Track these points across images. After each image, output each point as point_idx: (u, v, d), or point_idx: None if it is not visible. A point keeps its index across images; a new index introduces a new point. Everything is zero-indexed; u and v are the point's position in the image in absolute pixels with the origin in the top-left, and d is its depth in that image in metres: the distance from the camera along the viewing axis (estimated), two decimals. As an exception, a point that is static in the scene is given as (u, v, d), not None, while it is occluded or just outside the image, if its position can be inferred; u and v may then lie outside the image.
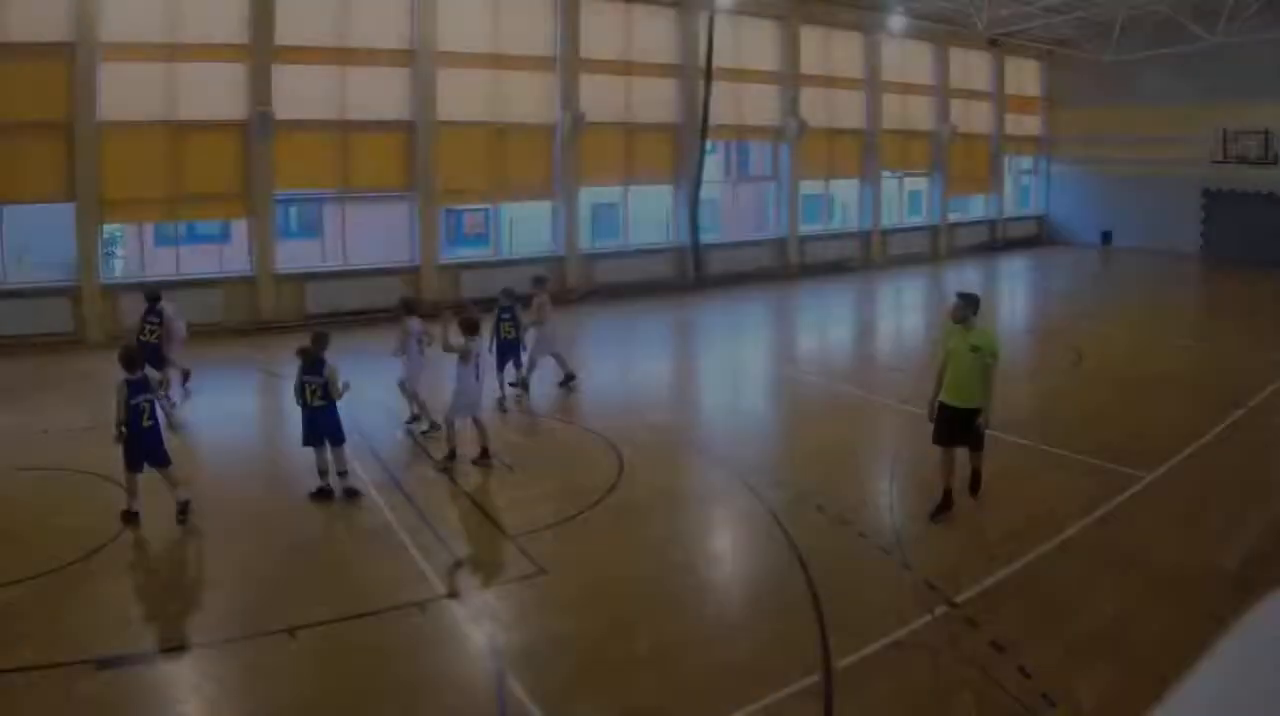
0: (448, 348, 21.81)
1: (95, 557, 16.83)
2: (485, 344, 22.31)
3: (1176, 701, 4.61)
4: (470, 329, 21.81)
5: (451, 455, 21.79)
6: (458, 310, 24.01)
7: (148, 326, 26.53)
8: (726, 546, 18.11)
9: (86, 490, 20.24)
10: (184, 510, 18.44)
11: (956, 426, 18.15)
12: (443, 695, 12.79)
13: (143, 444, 18.42)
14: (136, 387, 18.25)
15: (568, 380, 28.75)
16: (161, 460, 18.70)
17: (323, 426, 19.82)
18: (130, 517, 18.37)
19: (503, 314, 27.41)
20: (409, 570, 16.49)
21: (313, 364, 19.78)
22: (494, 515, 19.06)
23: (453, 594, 15.63)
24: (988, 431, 18.42)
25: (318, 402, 19.64)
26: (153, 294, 27.20)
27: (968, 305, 18.52)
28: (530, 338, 28.13)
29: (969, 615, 14.55)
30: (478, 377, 21.75)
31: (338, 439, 19.91)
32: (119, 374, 18.46)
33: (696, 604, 15.30)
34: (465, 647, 14.06)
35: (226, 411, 22.78)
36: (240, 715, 12.31)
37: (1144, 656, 13.36)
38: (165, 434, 19.23)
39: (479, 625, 14.59)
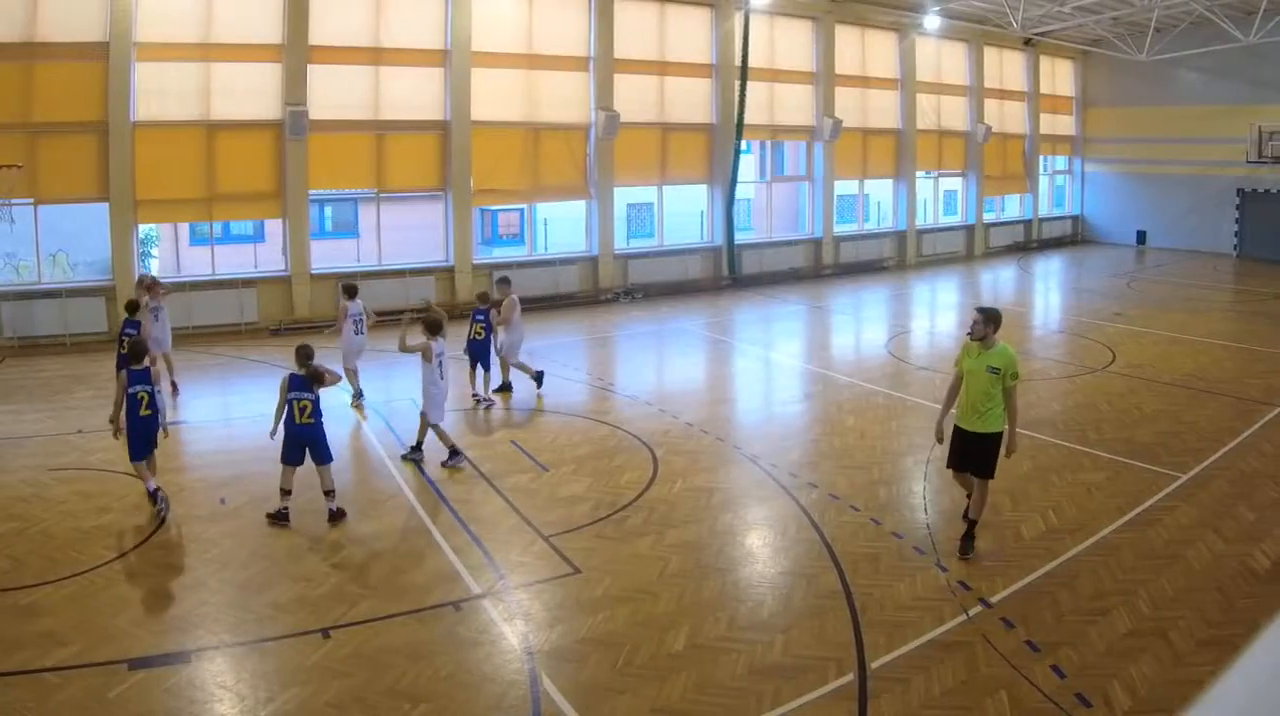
0: (404, 348, 22.04)
1: (128, 557, 16.99)
2: (444, 345, 21.99)
3: (1211, 701, 4.61)
4: (432, 329, 21.89)
5: (453, 452, 22.02)
6: (418, 312, 24.31)
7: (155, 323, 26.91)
8: (760, 546, 17.95)
9: (119, 490, 20.41)
10: (155, 498, 19.14)
11: (971, 452, 17.11)
12: (477, 694, 12.80)
13: (143, 430, 19.09)
14: (136, 377, 18.81)
15: (539, 377, 28.80)
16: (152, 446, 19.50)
17: (309, 444, 18.99)
18: (154, 497, 18.98)
19: (476, 315, 27.40)
20: (444, 570, 16.57)
21: (302, 381, 18.95)
22: (528, 515, 19.01)
23: (487, 593, 15.64)
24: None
25: (306, 420, 18.87)
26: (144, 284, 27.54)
27: (988, 322, 17.05)
28: (513, 337, 28.21)
29: (1004, 615, 14.57)
30: (442, 376, 21.85)
31: (323, 458, 19.13)
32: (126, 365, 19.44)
33: (730, 603, 15.26)
34: (500, 647, 14.01)
35: (260, 411, 22.72)
36: (274, 715, 12.32)
37: (1179, 656, 13.38)
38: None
39: (513, 624, 14.62)
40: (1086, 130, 70.39)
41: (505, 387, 28.52)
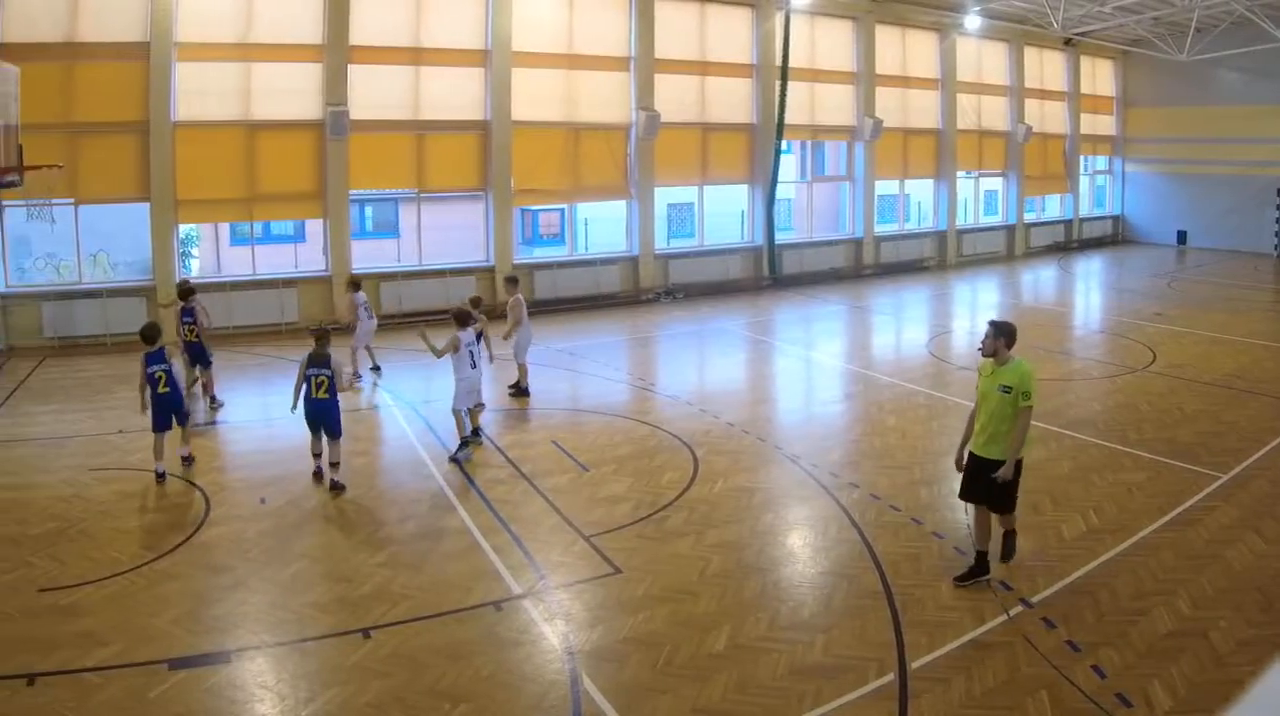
0: (438, 354, 22.33)
1: (168, 557, 17.03)
2: (473, 335, 22.35)
3: (1252, 701, 4.59)
4: (460, 320, 22.35)
5: (463, 444, 22.24)
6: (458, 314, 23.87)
7: (184, 325, 26.79)
8: (801, 546, 17.90)
9: (159, 490, 20.54)
10: (188, 461, 22.02)
11: (981, 481, 15.68)
12: (518, 694, 12.79)
13: (162, 406, 21.08)
14: (151, 358, 20.37)
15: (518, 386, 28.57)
16: (183, 420, 21.93)
17: (322, 418, 20.79)
18: (160, 478, 20.33)
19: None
20: (485, 570, 16.57)
21: (320, 359, 20.59)
22: (569, 515, 19.00)
23: (528, 593, 15.64)
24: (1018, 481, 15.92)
25: (322, 395, 20.56)
26: (185, 290, 27.29)
27: (998, 336, 15.77)
28: (520, 337, 28.09)
29: (1045, 614, 14.51)
30: (474, 365, 22.32)
31: (334, 432, 20.78)
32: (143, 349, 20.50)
33: (771, 603, 15.23)
34: (540, 647, 13.99)
35: (298, 412, 22.88)
36: (315, 715, 12.34)
37: (1219, 657, 13.30)
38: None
39: (554, 624, 14.61)
40: (1127, 130, 70.09)
41: (522, 392, 28.40)
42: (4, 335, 34.03)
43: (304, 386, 20.73)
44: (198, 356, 26.64)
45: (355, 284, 30.73)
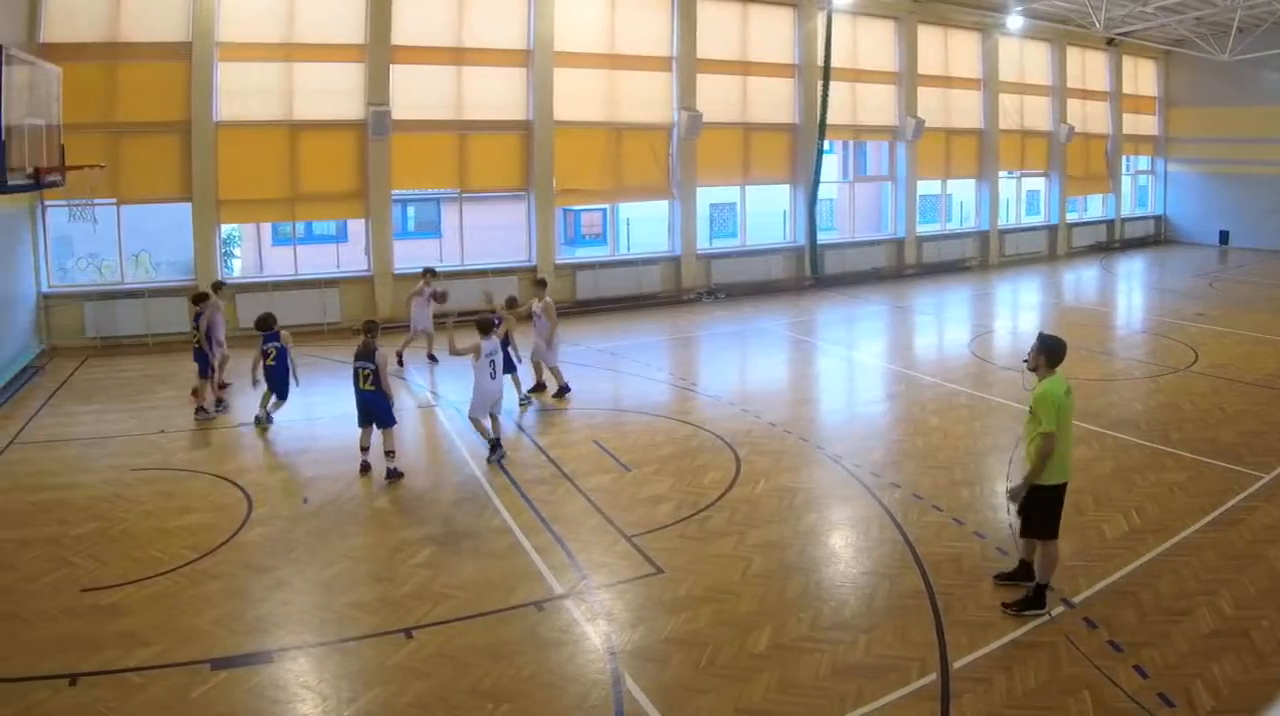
0: (454, 351, 22.30)
1: (210, 557, 17.09)
2: (496, 344, 22.18)
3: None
4: (482, 329, 22.09)
5: (494, 446, 22.19)
6: (474, 313, 24.48)
7: (193, 330, 26.69)
8: (843, 546, 17.88)
9: (201, 490, 20.62)
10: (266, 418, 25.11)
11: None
12: (560, 694, 12.79)
13: (272, 378, 24.21)
14: (267, 338, 22.18)
15: (536, 389, 28.46)
16: (283, 395, 25.05)
17: (371, 410, 21.35)
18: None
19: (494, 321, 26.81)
20: (526, 570, 16.60)
21: (366, 352, 21.12)
22: (611, 515, 19.01)
23: (570, 593, 15.64)
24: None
25: (368, 387, 21.07)
26: (197, 296, 27.30)
27: (1040, 351, 14.76)
28: (541, 341, 27.86)
29: (1086, 614, 14.45)
30: (493, 376, 22.04)
31: (386, 422, 21.41)
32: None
33: (813, 603, 15.21)
34: (582, 647, 14.00)
35: (340, 411, 22.84)
36: (357, 715, 12.38)
37: (1261, 656, 13.27)
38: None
39: (596, 624, 14.62)
40: (1169, 130, 69.69)
41: (542, 388, 28.46)
42: (46, 335, 34.19)
43: (353, 380, 21.33)
44: (198, 362, 26.44)
45: (430, 273, 31.16)
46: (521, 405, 27.01)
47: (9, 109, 18.95)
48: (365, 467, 21.24)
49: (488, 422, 22.34)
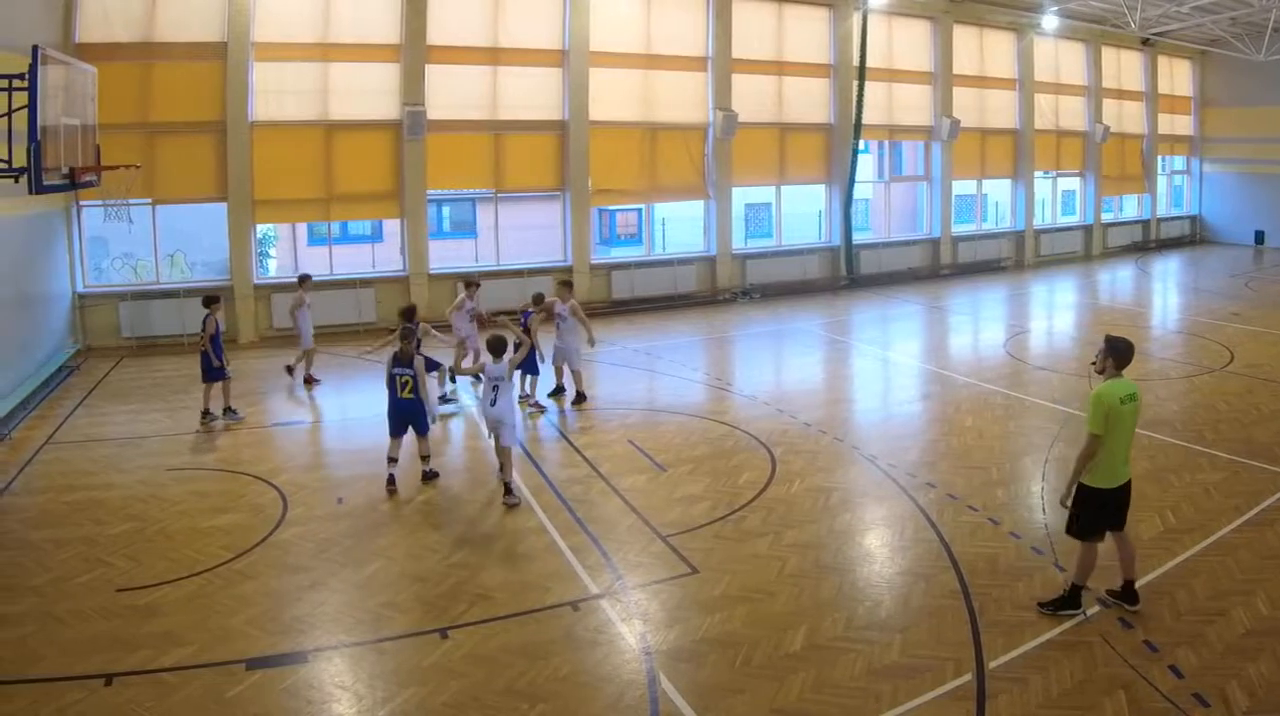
0: (458, 371, 23.31)
1: (245, 557, 17.16)
2: (503, 368, 20.12)
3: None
4: (493, 351, 20.17)
5: (506, 490, 20.32)
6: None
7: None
8: (878, 545, 17.85)
9: (237, 490, 20.71)
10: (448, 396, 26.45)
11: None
12: (595, 694, 12.80)
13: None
14: (405, 333, 20.97)
15: (555, 393, 28.13)
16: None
17: (410, 418, 20.77)
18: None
19: (521, 319, 26.83)
20: (562, 570, 16.62)
21: (406, 359, 20.60)
22: (646, 515, 19.02)
23: (605, 593, 15.66)
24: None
25: (407, 395, 20.53)
26: (205, 299, 26.60)
27: (1108, 354, 14.55)
28: (568, 343, 27.43)
29: (1121, 615, 14.38)
30: (493, 402, 19.93)
31: (423, 430, 20.99)
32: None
33: (848, 603, 15.20)
34: (618, 647, 14.01)
35: (376, 411, 22.80)
36: (392, 715, 12.39)
37: (1299, 656, 13.10)
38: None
39: (631, 624, 14.62)
40: (1204, 130, 69.46)
41: (560, 391, 28.12)
42: (82, 335, 34.41)
43: (390, 387, 20.70)
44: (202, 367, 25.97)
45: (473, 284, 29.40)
46: (531, 414, 26.76)
47: (44, 109, 19.03)
48: (392, 482, 20.59)
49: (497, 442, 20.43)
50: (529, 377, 27.02)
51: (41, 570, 16.58)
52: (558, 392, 27.92)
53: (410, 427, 20.86)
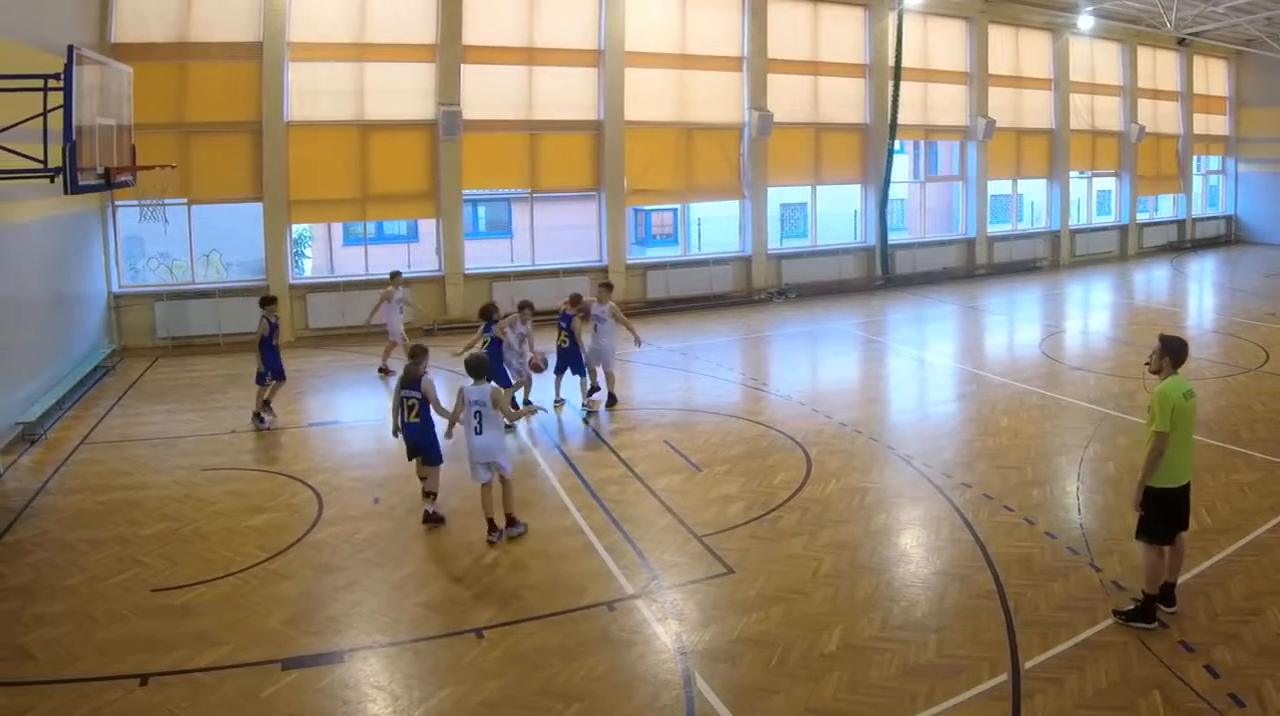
0: (441, 411, 19.11)
1: (281, 557, 17.23)
2: (483, 393, 17.90)
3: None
4: (472, 371, 18.19)
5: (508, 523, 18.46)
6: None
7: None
8: (914, 546, 17.86)
9: (272, 490, 20.81)
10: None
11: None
12: (631, 694, 12.81)
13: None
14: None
15: (591, 392, 27.60)
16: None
17: (418, 444, 19.23)
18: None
19: (560, 321, 26.60)
20: (597, 570, 16.64)
21: (412, 379, 19.04)
22: (681, 515, 19.02)
23: (641, 593, 15.67)
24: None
25: (413, 419, 19.04)
26: (262, 299, 26.82)
27: (1164, 353, 14.40)
28: (604, 344, 27.09)
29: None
30: (478, 430, 17.78)
31: (430, 459, 19.23)
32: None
33: (884, 603, 15.19)
34: (653, 647, 14.02)
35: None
36: (428, 715, 12.42)
37: (1336, 657, 13.02)
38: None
39: (667, 624, 14.62)
40: (1240, 130, 69.22)
41: (595, 391, 27.65)
42: (117, 335, 34.65)
43: (398, 410, 19.38)
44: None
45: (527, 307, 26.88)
46: (588, 417, 26.61)
47: (80, 109, 19.05)
48: (433, 518, 18.92)
49: (483, 479, 18.15)
50: (578, 378, 27.01)
51: (77, 570, 16.66)
52: (593, 392, 27.62)
53: (420, 457, 19.49)
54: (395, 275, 31.67)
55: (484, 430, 17.74)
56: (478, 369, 17.98)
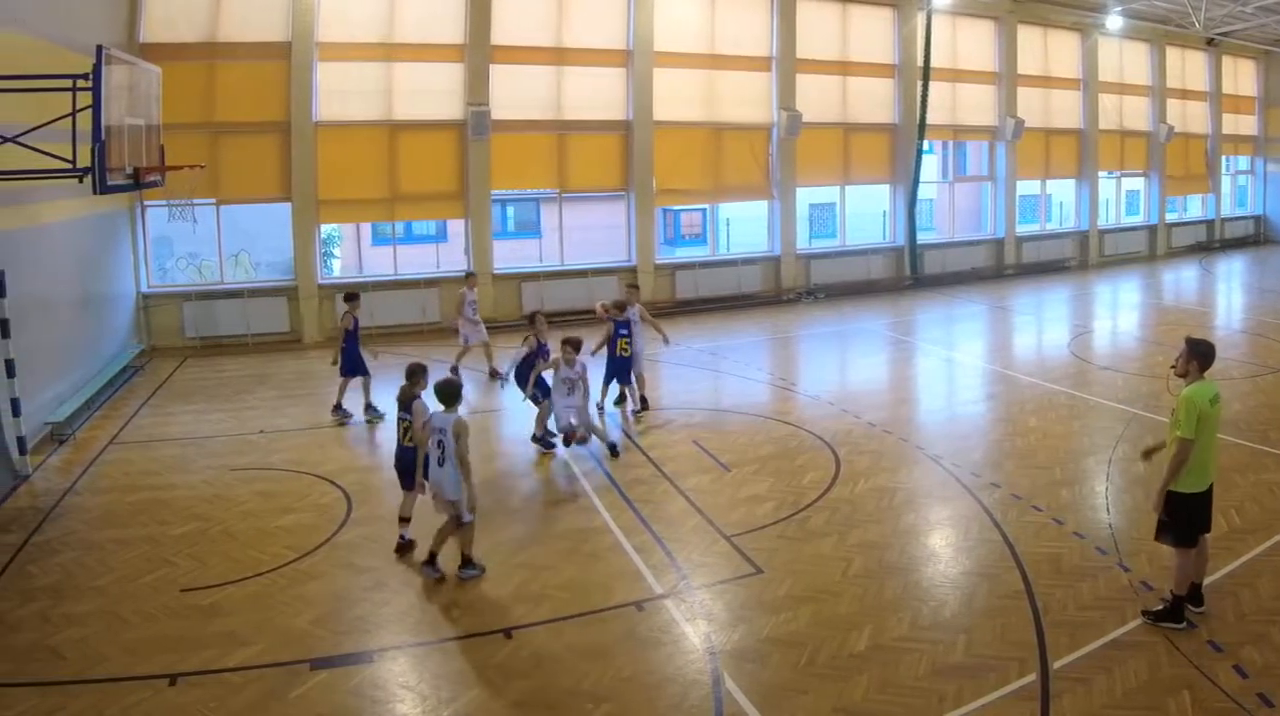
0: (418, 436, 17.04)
1: (309, 557, 17.27)
2: (447, 421, 16.29)
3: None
4: (444, 398, 16.61)
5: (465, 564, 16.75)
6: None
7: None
8: (942, 546, 17.83)
9: (301, 490, 20.84)
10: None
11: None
12: (659, 694, 12.82)
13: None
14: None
15: (619, 400, 27.41)
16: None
17: (404, 467, 17.83)
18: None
19: (620, 330, 26.09)
20: (626, 570, 16.64)
21: (403, 400, 17.56)
22: (710, 515, 19.01)
23: (669, 593, 15.66)
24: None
25: (408, 443, 17.40)
26: (347, 295, 27.06)
27: (1191, 356, 14.15)
28: (635, 347, 26.65)
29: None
30: (440, 462, 16.15)
31: (405, 483, 17.74)
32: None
33: (913, 603, 15.18)
34: (682, 647, 14.01)
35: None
36: (456, 715, 12.43)
37: (1364, 656, 12.97)
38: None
39: (695, 624, 14.62)
40: (1269, 130, 68.97)
41: (629, 399, 27.38)
42: (146, 335, 34.79)
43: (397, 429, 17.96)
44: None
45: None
46: (636, 416, 26.63)
47: (109, 109, 19.14)
48: (406, 546, 17.70)
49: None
50: (623, 387, 26.97)
51: (105, 570, 16.71)
52: (622, 400, 27.43)
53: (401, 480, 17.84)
54: (470, 276, 31.49)
55: (445, 461, 16.15)
56: (448, 396, 16.42)
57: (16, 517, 19.41)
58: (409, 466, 17.55)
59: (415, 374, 17.87)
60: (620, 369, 26.29)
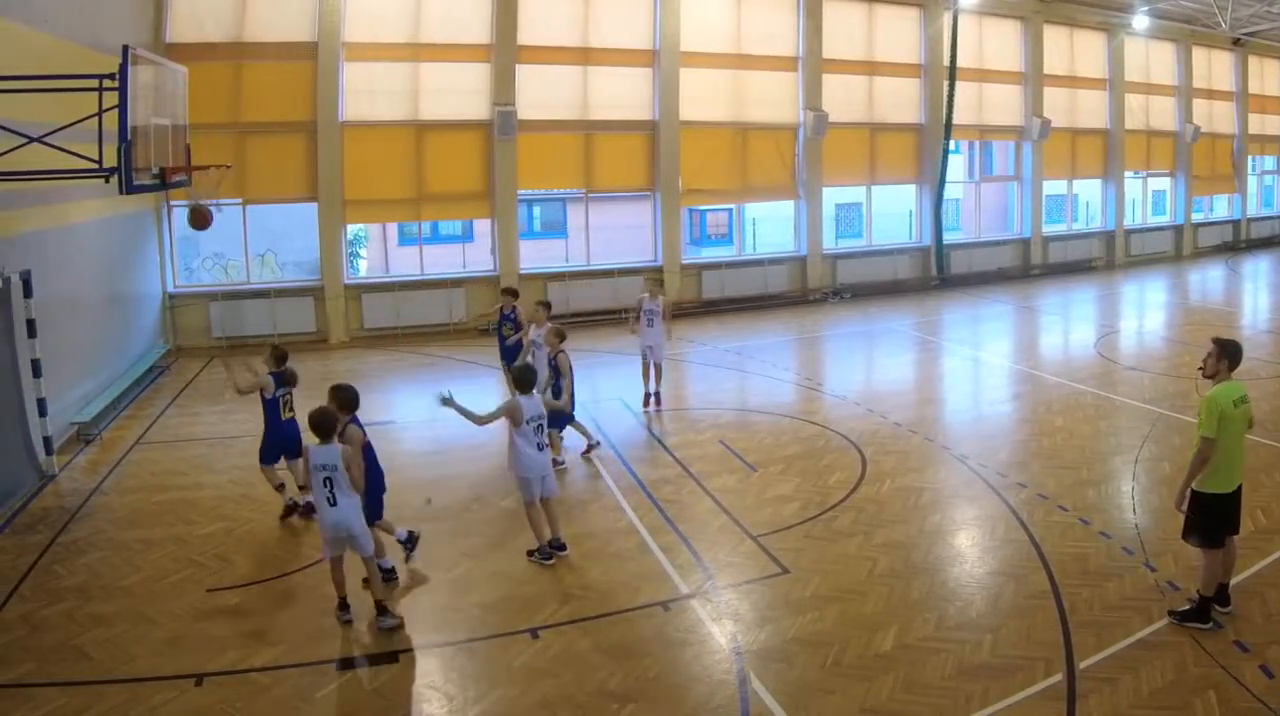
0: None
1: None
2: (335, 453, 14.73)
3: None
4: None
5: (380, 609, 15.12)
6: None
7: (505, 324, 26.71)
8: (969, 545, 17.75)
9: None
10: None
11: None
12: (686, 694, 12.79)
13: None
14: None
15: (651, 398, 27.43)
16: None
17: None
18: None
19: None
20: (652, 570, 16.63)
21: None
22: (737, 515, 18.99)
23: (696, 593, 15.65)
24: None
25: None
26: (508, 290, 27.36)
27: (1220, 356, 14.09)
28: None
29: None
30: (332, 502, 14.51)
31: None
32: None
33: (939, 603, 15.14)
34: (708, 647, 13.97)
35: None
36: (483, 715, 12.43)
37: (1390, 654, 12.90)
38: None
39: (722, 624, 14.60)
40: (1296, 130, 68.65)
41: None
42: (172, 335, 35.00)
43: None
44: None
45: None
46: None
47: (135, 109, 19.15)
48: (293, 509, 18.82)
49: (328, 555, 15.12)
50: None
51: (132, 570, 16.78)
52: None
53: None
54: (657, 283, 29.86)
55: (337, 501, 14.49)
56: (323, 429, 14.58)
57: (43, 517, 19.51)
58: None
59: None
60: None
